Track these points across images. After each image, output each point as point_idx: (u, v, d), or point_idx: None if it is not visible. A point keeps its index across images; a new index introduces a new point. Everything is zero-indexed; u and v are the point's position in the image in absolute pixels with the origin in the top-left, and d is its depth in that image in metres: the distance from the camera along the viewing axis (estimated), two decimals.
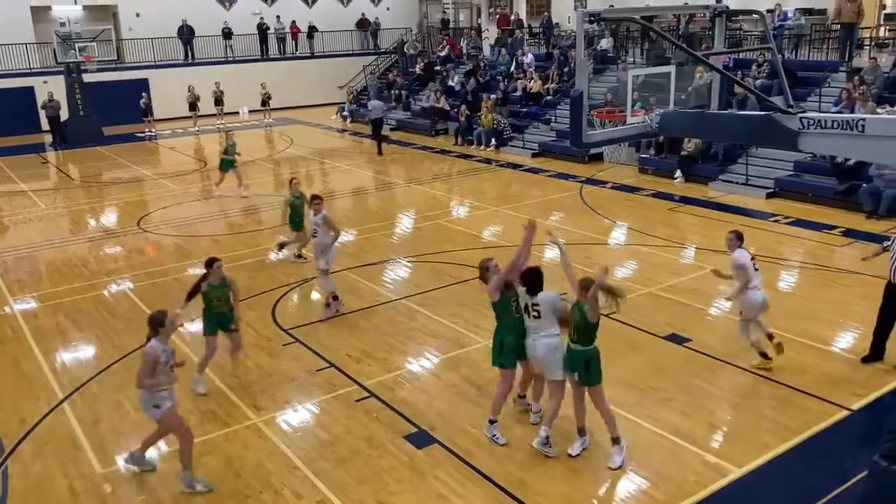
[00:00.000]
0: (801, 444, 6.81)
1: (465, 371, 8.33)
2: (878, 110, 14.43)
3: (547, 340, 6.56)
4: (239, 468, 6.72)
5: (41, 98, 26.38)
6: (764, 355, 8.10)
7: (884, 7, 23.45)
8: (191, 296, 7.80)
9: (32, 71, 27.86)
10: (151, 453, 6.85)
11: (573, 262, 7.21)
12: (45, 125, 26.55)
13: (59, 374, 8.72)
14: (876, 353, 8.23)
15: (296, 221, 11.93)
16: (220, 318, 7.94)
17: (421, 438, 7.05)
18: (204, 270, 7.82)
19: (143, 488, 6.53)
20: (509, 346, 6.75)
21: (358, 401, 7.79)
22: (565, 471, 6.51)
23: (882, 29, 22.04)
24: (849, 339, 9.00)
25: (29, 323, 10.24)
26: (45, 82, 26.86)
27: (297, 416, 7.61)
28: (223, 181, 17.23)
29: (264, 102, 28.40)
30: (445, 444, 6.93)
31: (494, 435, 6.93)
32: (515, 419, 7.30)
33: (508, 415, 7.35)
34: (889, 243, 8.15)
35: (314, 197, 10.08)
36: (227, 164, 16.89)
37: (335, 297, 10.10)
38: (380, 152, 22.06)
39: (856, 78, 16.27)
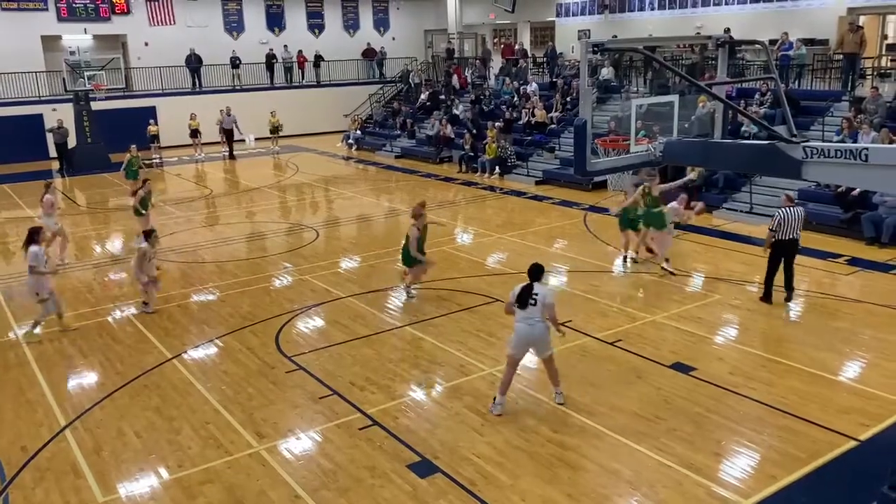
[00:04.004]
0: (809, 474, 6.73)
1: (469, 399, 8.28)
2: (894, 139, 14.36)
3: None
4: (241, 497, 6.66)
5: (49, 126, 26.59)
6: (650, 250, 12.25)
7: (885, 37, 23.66)
8: None
9: (41, 99, 28.15)
10: (153, 480, 6.83)
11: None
12: (52, 152, 26.79)
13: (62, 400, 8.68)
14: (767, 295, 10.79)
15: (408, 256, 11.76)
16: None
17: (424, 468, 7.00)
18: None
19: None
20: None
21: (361, 429, 7.75)
22: (569, 501, 6.45)
23: (884, 59, 22.20)
24: (856, 369, 8.94)
25: (33, 349, 10.24)
26: (54, 110, 27.08)
27: (299, 444, 7.55)
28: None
29: (274, 130, 28.62)
30: (449, 474, 6.87)
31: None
32: (517, 447, 7.24)
33: (509, 443, 7.31)
34: (774, 225, 10.37)
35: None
36: (131, 174, 19.53)
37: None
38: (231, 156, 27.74)
39: (853, 109, 16.33)
